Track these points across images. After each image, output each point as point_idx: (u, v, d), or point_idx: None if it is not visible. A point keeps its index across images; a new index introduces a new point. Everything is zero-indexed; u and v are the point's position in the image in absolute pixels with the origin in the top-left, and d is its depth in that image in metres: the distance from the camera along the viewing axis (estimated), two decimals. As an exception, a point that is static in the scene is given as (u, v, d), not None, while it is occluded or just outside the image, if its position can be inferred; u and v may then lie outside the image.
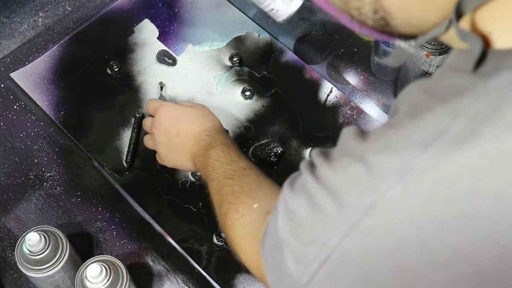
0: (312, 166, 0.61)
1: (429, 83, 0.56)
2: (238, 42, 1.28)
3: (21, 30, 1.28)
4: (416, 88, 0.56)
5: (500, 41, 0.54)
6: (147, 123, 1.07)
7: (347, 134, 0.59)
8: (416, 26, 0.58)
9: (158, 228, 1.10)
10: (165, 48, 1.26)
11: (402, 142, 0.53)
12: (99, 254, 1.06)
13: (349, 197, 0.54)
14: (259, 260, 0.73)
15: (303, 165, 0.63)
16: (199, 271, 1.06)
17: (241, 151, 0.97)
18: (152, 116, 1.07)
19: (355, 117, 1.20)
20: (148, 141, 1.07)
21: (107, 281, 0.91)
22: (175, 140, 1.00)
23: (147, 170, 1.14)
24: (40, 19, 1.30)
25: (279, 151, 1.15)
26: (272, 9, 0.91)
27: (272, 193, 0.87)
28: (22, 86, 1.21)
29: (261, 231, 0.73)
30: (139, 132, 1.17)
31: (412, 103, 0.55)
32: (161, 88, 1.20)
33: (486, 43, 0.54)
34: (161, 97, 1.20)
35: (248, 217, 0.84)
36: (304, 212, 0.57)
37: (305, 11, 1.32)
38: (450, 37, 0.57)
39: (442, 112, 0.52)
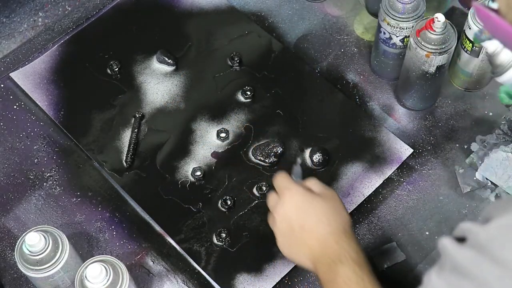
0: None
1: None
2: (238, 42, 1.28)
3: (21, 30, 1.28)
4: None
5: None
6: (272, 200, 0.97)
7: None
8: None
9: (158, 228, 1.10)
10: (165, 48, 1.26)
11: None
12: (99, 254, 1.06)
13: None
14: None
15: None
16: (199, 271, 1.06)
17: (372, 271, 0.87)
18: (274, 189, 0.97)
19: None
20: (269, 220, 0.97)
21: (107, 281, 0.91)
22: (297, 233, 0.92)
23: (147, 170, 1.14)
24: (40, 19, 1.30)
25: (279, 151, 1.15)
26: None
27: None
28: (22, 86, 1.21)
29: None
30: (139, 132, 1.17)
31: None
32: (297, 159, 1.07)
33: None
34: (296, 167, 1.04)
35: None
36: None
37: (305, 11, 1.32)
38: None
39: None
